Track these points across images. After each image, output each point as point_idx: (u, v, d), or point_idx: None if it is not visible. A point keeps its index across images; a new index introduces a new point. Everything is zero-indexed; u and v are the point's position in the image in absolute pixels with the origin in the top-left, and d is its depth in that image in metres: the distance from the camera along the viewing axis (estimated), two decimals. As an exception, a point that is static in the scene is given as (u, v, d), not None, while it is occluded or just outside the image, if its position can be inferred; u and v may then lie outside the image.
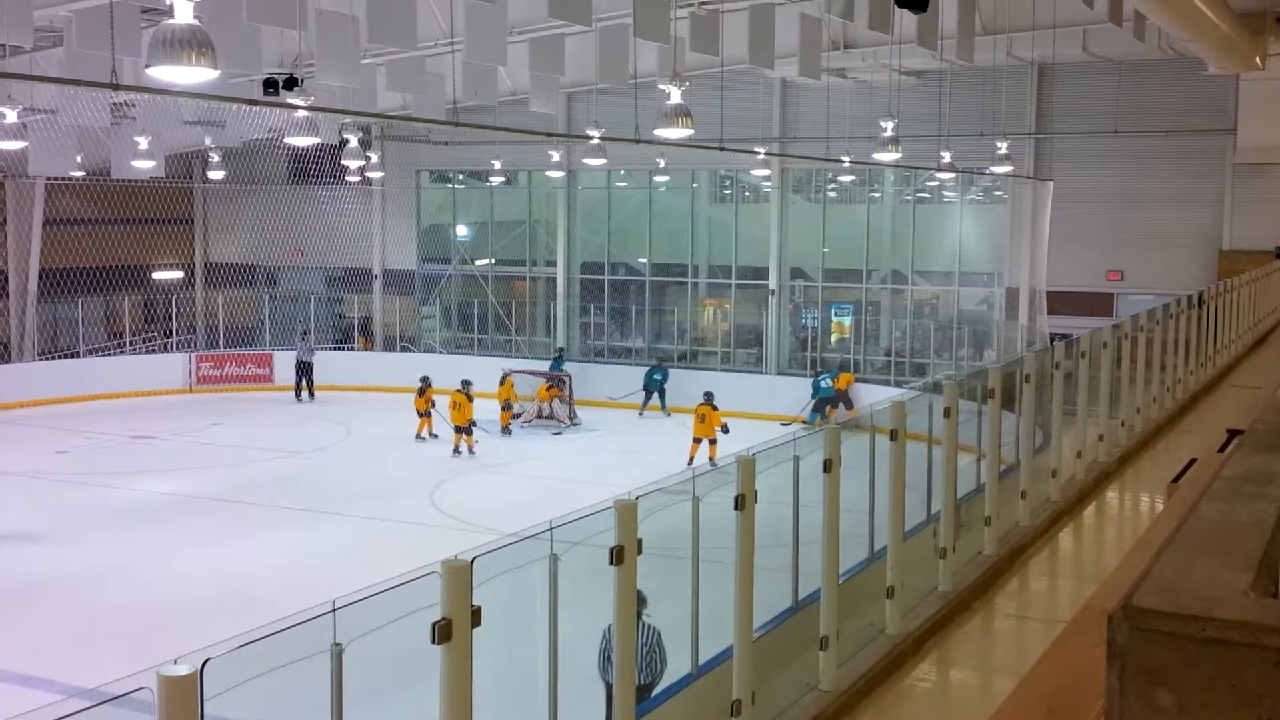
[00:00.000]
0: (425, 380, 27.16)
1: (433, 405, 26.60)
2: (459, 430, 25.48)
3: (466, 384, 26.17)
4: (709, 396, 24.53)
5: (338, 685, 4.72)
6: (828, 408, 28.06)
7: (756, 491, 6.19)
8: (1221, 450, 5.56)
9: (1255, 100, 25.46)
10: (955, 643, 7.66)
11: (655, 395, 30.32)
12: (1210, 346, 16.18)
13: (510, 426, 28.07)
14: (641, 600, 7.26)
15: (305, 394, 32.47)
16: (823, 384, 28.62)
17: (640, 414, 30.01)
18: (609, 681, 9.22)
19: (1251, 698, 1.74)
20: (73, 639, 14.31)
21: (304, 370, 32.61)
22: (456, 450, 25.45)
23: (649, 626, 8.05)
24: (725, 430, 23.73)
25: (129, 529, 19.42)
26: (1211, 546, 2.14)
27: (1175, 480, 8.05)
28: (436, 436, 26.42)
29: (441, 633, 4.20)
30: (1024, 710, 4.70)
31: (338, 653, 4.67)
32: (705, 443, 23.87)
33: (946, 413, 8.51)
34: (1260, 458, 2.83)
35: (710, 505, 6.51)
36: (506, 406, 28.18)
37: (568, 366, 31.58)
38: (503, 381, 28.61)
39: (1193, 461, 8.28)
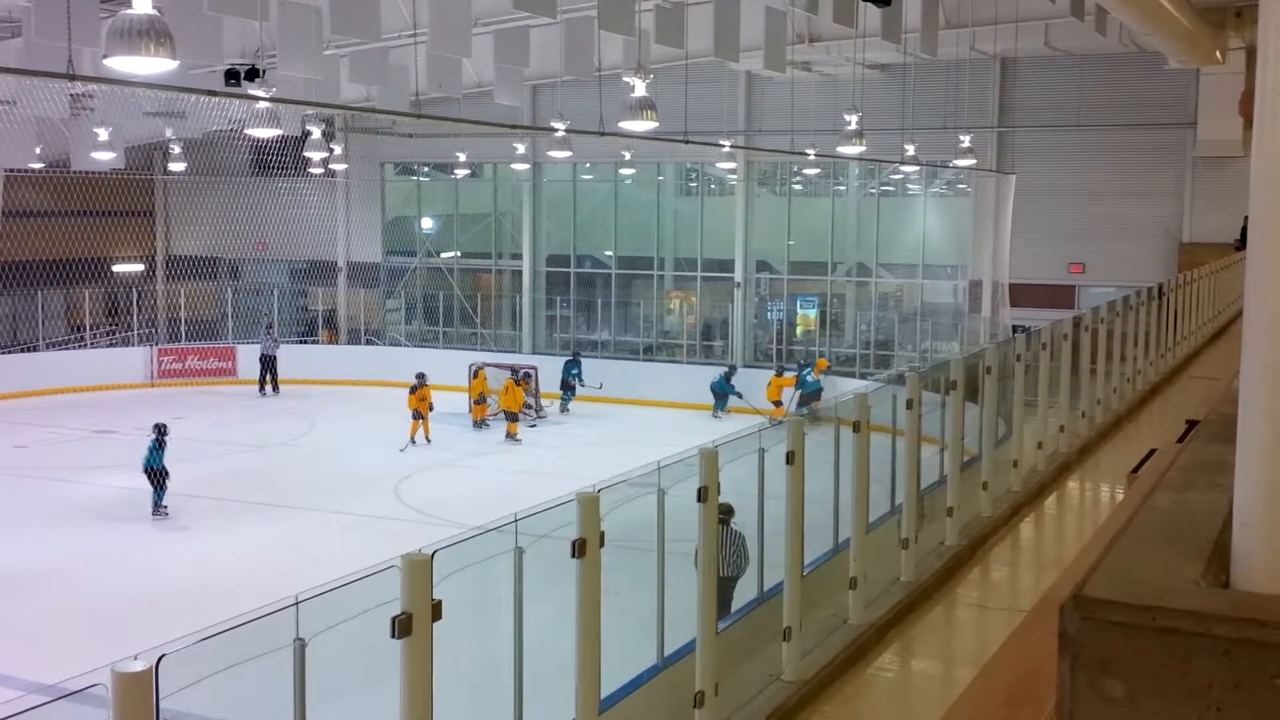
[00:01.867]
0: (421, 378, 25.75)
1: (430, 408, 25.39)
2: (510, 417, 26.11)
3: (518, 372, 27.11)
4: (781, 370, 28.39)
5: (300, 680, 4.70)
6: (814, 402, 27.85)
7: (720, 484, 6.21)
8: (1180, 441, 5.62)
9: (1215, 94, 25.69)
10: (917, 633, 7.71)
11: (728, 398, 28.82)
12: (1170, 338, 16.34)
13: (486, 420, 27.93)
14: (729, 510, 9.00)
15: (269, 387, 32.27)
16: (809, 378, 28.35)
17: (717, 416, 28.57)
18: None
19: (1201, 687, 1.76)
20: (33, 635, 14.17)
21: (268, 364, 32.41)
22: (510, 436, 25.88)
23: (735, 531, 9.34)
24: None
25: (90, 524, 19.24)
26: (1164, 536, 2.16)
27: (1135, 470, 8.13)
28: (430, 442, 25.38)
29: (401, 627, 4.18)
30: (983, 700, 4.74)
31: (300, 648, 4.64)
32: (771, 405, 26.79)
33: (909, 404, 8.56)
34: (1214, 448, 2.86)
35: (677, 498, 6.51)
36: (480, 400, 28.02)
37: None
38: (475, 375, 28.48)
39: (1152, 452, 8.36)
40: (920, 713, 6.25)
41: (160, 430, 19.90)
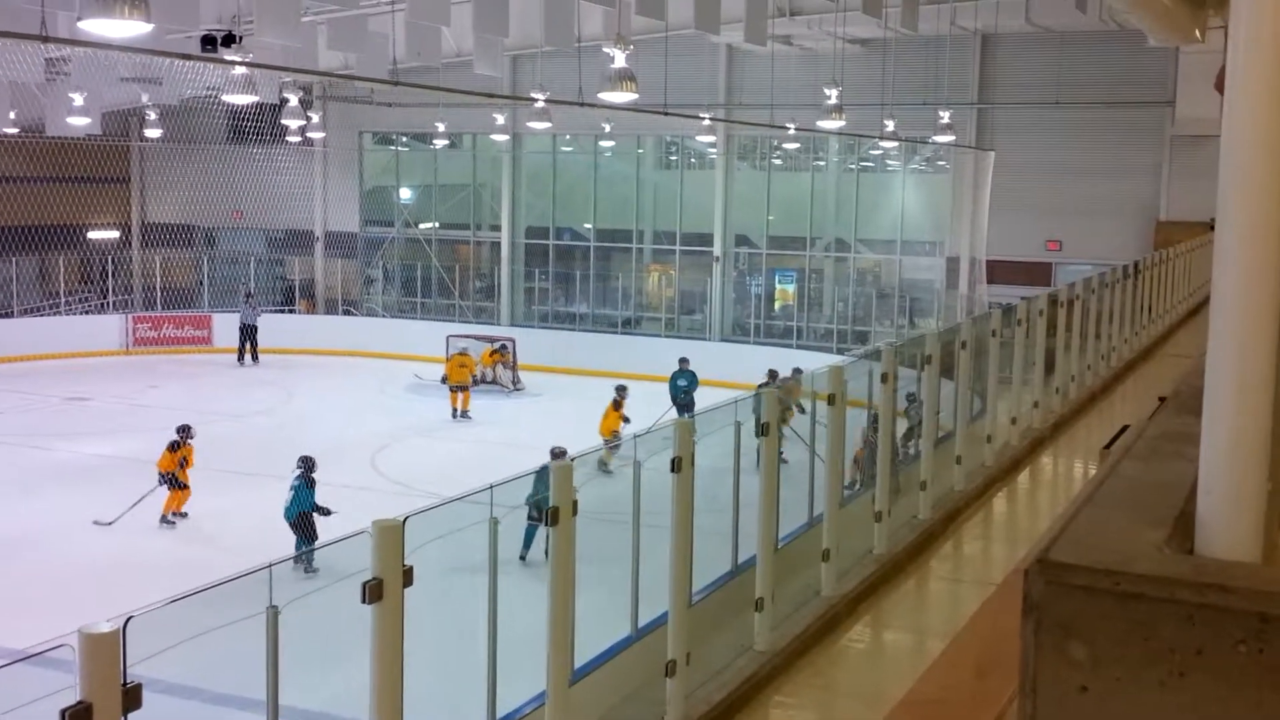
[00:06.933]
0: (184, 431, 18.46)
1: (181, 464, 17.95)
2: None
3: (495, 344, 27.16)
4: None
5: (274, 647, 4.70)
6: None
7: (694, 455, 6.21)
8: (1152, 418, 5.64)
9: (1194, 73, 25.74)
10: (889, 605, 7.75)
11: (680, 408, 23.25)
12: (1145, 316, 16.43)
13: (468, 411, 26.21)
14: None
15: (249, 357, 32.12)
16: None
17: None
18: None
19: (1163, 651, 1.77)
20: (6, 601, 14.10)
21: (248, 333, 32.25)
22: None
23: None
24: None
25: (64, 491, 19.12)
26: (1129, 503, 2.17)
27: (1107, 446, 8.18)
28: (183, 517, 17.78)
29: (372, 593, 4.18)
30: (953, 669, 4.78)
31: (273, 615, 4.64)
32: None
33: (884, 379, 8.58)
34: (1183, 419, 2.88)
35: (655, 471, 6.51)
36: (462, 387, 26.39)
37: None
38: (451, 358, 27.44)
39: (1125, 428, 8.42)
40: (891, 682, 6.29)
41: None
